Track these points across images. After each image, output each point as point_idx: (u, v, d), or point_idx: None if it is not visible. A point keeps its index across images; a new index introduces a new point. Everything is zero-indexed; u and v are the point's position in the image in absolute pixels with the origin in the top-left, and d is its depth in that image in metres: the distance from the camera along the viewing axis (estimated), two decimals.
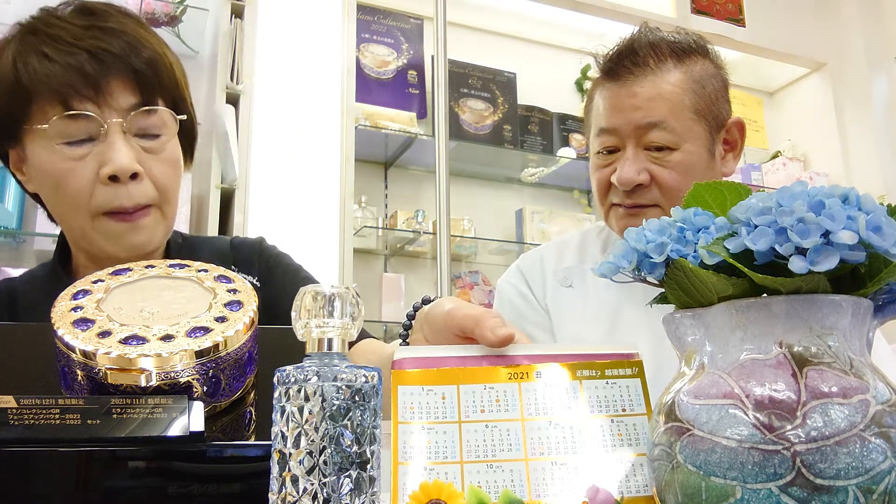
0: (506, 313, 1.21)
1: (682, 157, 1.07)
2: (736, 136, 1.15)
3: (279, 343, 0.68)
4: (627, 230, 0.54)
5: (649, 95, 1.07)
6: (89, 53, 0.84)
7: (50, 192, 0.90)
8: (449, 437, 0.54)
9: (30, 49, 0.86)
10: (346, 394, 0.45)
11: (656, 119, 1.06)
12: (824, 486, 0.42)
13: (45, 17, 0.89)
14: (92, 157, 0.86)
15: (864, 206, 0.46)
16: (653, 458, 0.50)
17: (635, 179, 1.06)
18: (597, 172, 1.13)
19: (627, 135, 1.08)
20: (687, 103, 1.07)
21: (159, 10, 2.31)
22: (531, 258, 1.25)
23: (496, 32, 3.13)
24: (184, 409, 0.54)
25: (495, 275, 2.91)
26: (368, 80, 2.78)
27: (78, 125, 0.85)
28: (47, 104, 0.84)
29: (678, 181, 1.06)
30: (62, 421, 0.51)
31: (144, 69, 0.87)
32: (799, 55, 3.35)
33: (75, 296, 0.62)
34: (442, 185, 2.01)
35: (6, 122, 0.88)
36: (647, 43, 1.09)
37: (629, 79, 1.08)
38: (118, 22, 0.89)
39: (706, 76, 1.11)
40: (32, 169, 0.91)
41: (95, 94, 0.84)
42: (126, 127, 0.86)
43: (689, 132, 1.07)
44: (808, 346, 0.46)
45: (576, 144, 3.04)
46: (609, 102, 1.10)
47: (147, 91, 0.88)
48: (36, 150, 0.87)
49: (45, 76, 0.84)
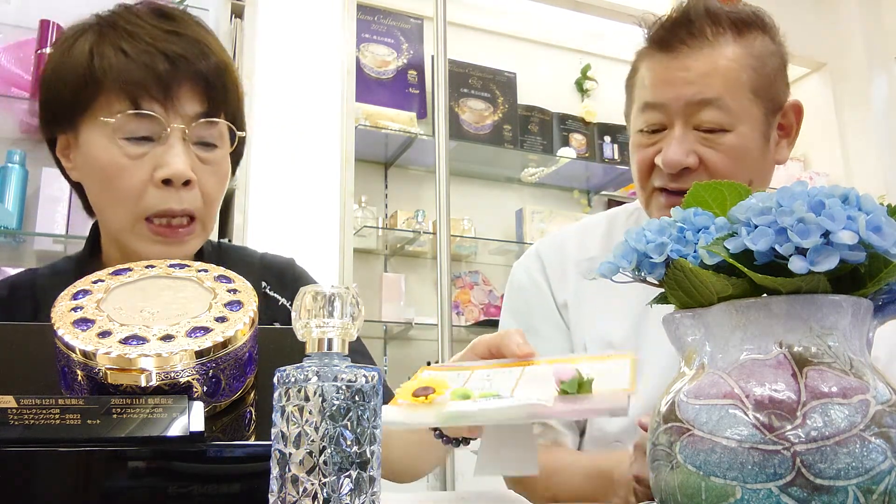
0: (515, 302, 1.15)
1: (735, 140, 0.96)
2: (792, 120, 1.05)
3: (279, 343, 0.68)
4: (627, 230, 0.54)
5: (704, 70, 0.96)
6: (165, 56, 0.85)
7: (98, 184, 0.89)
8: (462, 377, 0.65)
9: (107, 42, 0.86)
10: (346, 394, 0.45)
11: (711, 96, 0.96)
12: (824, 486, 0.42)
13: (126, 14, 0.89)
14: (149, 157, 0.86)
15: (864, 206, 0.46)
16: (653, 458, 0.50)
17: (683, 161, 0.96)
18: (638, 152, 1.02)
19: (676, 111, 0.97)
20: (745, 81, 0.97)
21: None
22: (551, 243, 1.15)
23: (496, 32, 3.13)
24: (184, 409, 0.54)
25: (495, 275, 2.91)
26: (368, 80, 2.78)
27: (141, 124, 0.85)
28: (115, 98, 0.85)
29: (729, 166, 0.96)
30: (62, 421, 0.51)
31: (214, 80, 0.88)
32: (799, 55, 3.35)
33: (75, 296, 0.62)
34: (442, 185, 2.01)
35: (67, 108, 0.88)
36: (705, 11, 0.99)
37: (682, 50, 0.98)
38: (194, 30, 0.90)
39: (766, 53, 1.01)
40: (82, 158, 0.90)
41: (164, 97, 0.85)
42: (187, 134, 0.87)
43: (746, 113, 0.97)
44: (808, 346, 0.46)
45: (576, 144, 3.04)
46: (658, 75, 0.99)
47: (213, 102, 0.89)
48: (93, 139, 0.87)
49: (120, 71, 0.84)
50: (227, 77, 0.91)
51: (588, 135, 3.09)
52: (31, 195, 2.14)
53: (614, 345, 1.02)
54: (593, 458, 0.96)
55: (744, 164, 0.97)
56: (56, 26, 2.14)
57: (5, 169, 2.10)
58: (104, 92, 0.85)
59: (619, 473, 0.85)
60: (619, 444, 0.98)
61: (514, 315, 1.14)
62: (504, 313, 1.16)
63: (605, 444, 1.01)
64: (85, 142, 0.88)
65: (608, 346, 1.02)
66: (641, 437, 0.77)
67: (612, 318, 1.05)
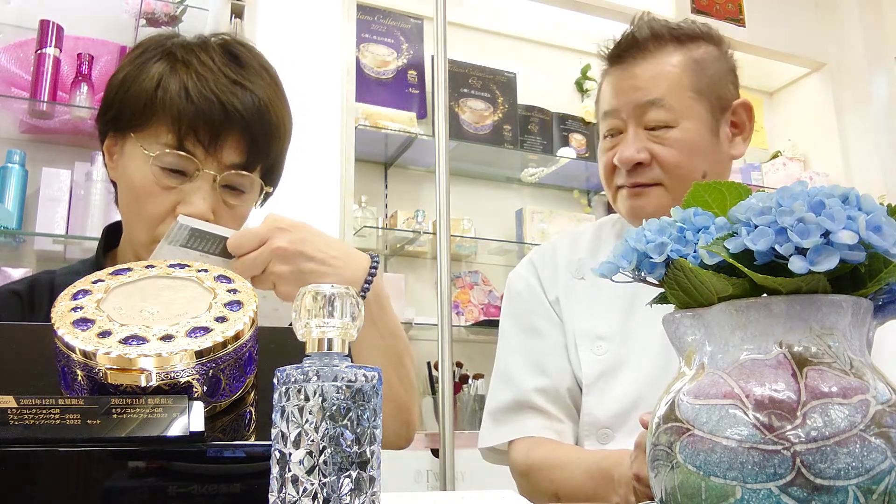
0: (514, 305, 1.21)
1: (680, 135, 1.07)
2: (744, 117, 1.14)
3: (279, 343, 0.68)
4: (627, 230, 0.54)
5: (649, 76, 1.08)
6: (223, 108, 0.90)
7: (127, 198, 0.95)
8: None
9: (176, 77, 0.92)
10: (346, 394, 0.45)
11: (654, 97, 1.07)
12: (824, 486, 0.42)
13: (199, 52, 0.94)
14: (177, 191, 0.91)
15: (864, 206, 0.46)
16: (653, 458, 0.50)
17: (635, 158, 1.07)
18: (602, 156, 1.14)
19: (628, 115, 1.09)
20: (686, 82, 1.08)
21: (159, 9, 2.31)
22: (544, 250, 1.25)
23: (496, 32, 3.13)
24: (184, 409, 0.54)
25: (495, 275, 2.91)
26: (368, 79, 2.78)
27: (179, 159, 0.91)
28: (165, 130, 0.90)
29: (678, 158, 1.06)
30: (62, 421, 0.51)
31: (260, 138, 0.94)
32: (799, 55, 3.35)
33: (75, 296, 0.62)
34: (442, 185, 2.01)
35: (124, 120, 0.94)
36: (648, 29, 1.12)
37: (630, 62, 1.10)
38: (259, 84, 0.94)
39: (708, 58, 1.12)
40: (122, 166, 0.96)
41: (208, 144, 0.91)
42: (219, 180, 0.92)
43: (688, 110, 1.08)
44: (808, 346, 0.46)
45: (576, 144, 3.04)
46: (612, 86, 1.12)
47: (252, 156, 0.94)
48: (133, 155, 0.93)
49: (178, 110, 0.90)
50: (276, 134, 0.96)
51: (588, 135, 3.09)
52: (31, 195, 2.14)
53: (603, 338, 1.10)
54: (595, 456, 0.98)
55: (692, 157, 1.07)
56: (56, 26, 2.14)
57: (5, 169, 2.10)
58: (157, 122, 0.91)
59: (620, 473, 0.86)
60: (607, 430, 1.05)
61: (514, 319, 1.20)
62: (504, 319, 1.22)
63: (595, 431, 1.06)
64: (128, 153, 0.94)
65: (597, 339, 1.10)
66: (641, 436, 0.78)
67: (600, 314, 1.13)
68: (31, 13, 2.20)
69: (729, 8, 3.23)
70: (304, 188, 2.37)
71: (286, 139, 1.00)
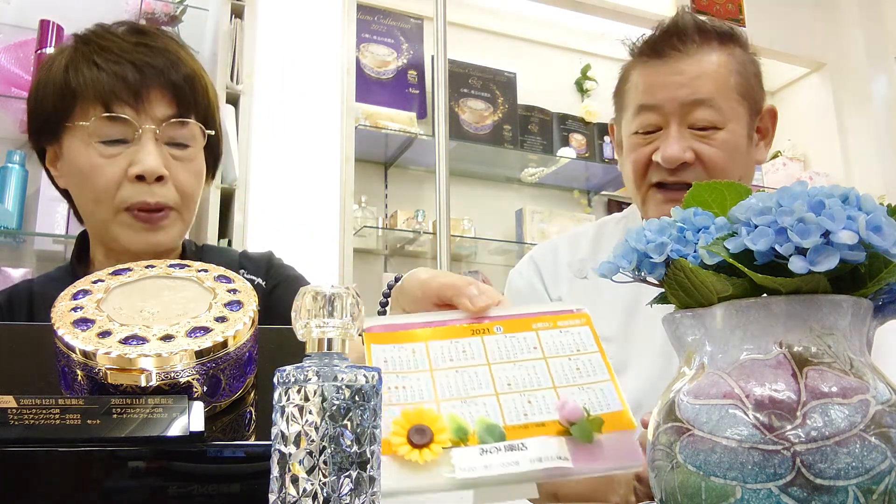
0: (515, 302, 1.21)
1: (727, 137, 1.05)
2: (768, 123, 1.14)
3: (279, 343, 0.68)
4: (628, 230, 0.53)
5: (696, 73, 1.05)
6: (134, 65, 0.93)
7: (79, 186, 0.97)
8: (423, 382, 0.59)
9: (81, 57, 0.95)
10: (346, 394, 0.45)
11: (703, 96, 1.04)
12: (824, 486, 0.42)
13: (100, 32, 0.98)
14: (123, 156, 0.93)
15: (864, 206, 0.46)
16: (653, 458, 0.50)
17: (682, 157, 1.04)
18: (634, 152, 1.09)
19: (672, 112, 1.05)
20: (732, 84, 1.06)
21: (159, 9, 2.31)
22: (545, 249, 1.23)
23: (496, 32, 3.13)
24: (184, 409, 0.54)
25: (495, 275, 2.91)
26: (368, 80, 2.78)
27: (115, 127, 0.93)
28: (90, 106, 0.93)
29: (723, 161, 1.04)
30: (62, 421, 0.51)
31: (182, 85, 0.96)
32: (799, 55, 3.35)
33: (75, 296, 0.62)
34: (442, 185, 2.01)
35: (50, 121, 0.96)
36: (693, 23, 1.08)
37: (674, 55, 1.06)
38: (163, 42, 0.98)
39: (746, 61, 1.10)
40: (66, 165, 0.97)
41: (135, 102, 0.93)
42: (158, 135, 0.94)
43: (734, 113, 1.06)
44: (808, 346, 0.46)
45: (576, 144, 3.04)
46: (652, 80, 1.07)
47: (182, 105, 0.96)
48: (73, 145, 0.95)
49: (92, 81, 0.92)
50: (197, 83, 0.98)
51: (588, 135, 3.09)
52: (31, 195, 2.14)
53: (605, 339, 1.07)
54: None
55: (735, 160, 1.05)
56: (56, 26, 2.14)
57: (5, 169, 2.10)
58: (80, 102, 0.93)
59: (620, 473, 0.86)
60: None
61: None
62: None
63: None
64: (67, 149, 0.96)
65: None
66: (641, 436, 0.78)
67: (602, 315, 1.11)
68: (31, 13, 2.20)
69: (729, 8, 3.23)
70: (305, 188, 2.37)
71: (210, 90, 1.01)
